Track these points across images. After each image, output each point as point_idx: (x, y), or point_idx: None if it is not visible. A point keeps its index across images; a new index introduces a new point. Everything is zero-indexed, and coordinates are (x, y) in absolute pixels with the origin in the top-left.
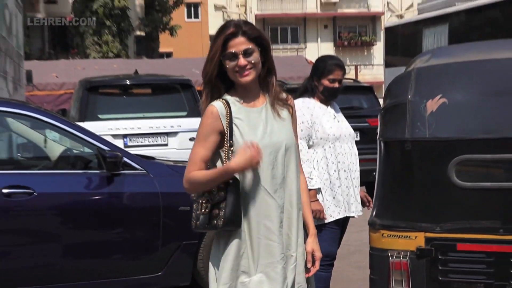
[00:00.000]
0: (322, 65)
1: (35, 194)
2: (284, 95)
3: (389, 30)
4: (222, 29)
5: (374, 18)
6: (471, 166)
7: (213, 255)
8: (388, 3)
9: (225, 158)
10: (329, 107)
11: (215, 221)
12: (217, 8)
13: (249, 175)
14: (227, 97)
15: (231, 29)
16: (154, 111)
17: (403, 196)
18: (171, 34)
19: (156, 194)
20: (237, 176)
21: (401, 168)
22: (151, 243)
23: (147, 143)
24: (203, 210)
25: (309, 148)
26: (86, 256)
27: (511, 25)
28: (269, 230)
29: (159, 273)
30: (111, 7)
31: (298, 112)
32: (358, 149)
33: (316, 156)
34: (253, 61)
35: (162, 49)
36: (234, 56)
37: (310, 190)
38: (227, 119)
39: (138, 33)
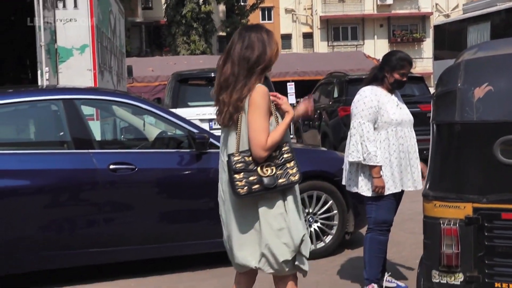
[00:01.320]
0: (395, 60)
1: (136, 169)
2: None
3: (437, 28)
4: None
5: (424, 18)
6: None
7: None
8: (436, 4)
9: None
10: (393, 95)
11: (285, 180)
12: (287, 11)
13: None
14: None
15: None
16: None
17: (453, 171)
18: None
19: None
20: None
21: (451, 147)
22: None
23: None
24: (267, 171)
25: (374, 130)
26: (179, 221)
27: None
28: None
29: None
30: (198, 12)
31: (367, 98)
32: None
33: (379, 137)
34: None
35: None
36: None
37: (375, 167)
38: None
39: (220, 33)
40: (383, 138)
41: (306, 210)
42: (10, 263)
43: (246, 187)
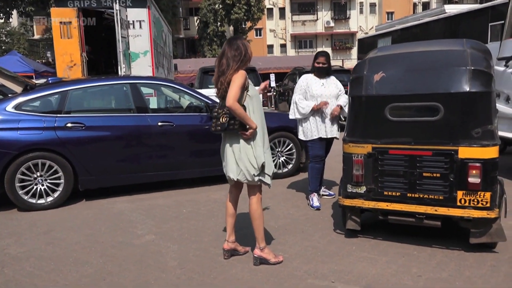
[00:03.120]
0: (315, 55)
1: (174, 125)
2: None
3: (360, 41)
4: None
5: (353, 34)
6: (396, 109)
7: (236, 145)
8: (360, 26)
9: (246, 98)
10: (322, 79)
11: (232, 126)
12: (271, 30)
13: (257, 107)
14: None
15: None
16: None
17: (361, 125)
18: None
19: None
20: (247, 105)
21: (360, 111)
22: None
23: None
24: (223, 120)
25: (306, 100)
26: (199, 156)
27: (426, 38)
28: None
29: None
30: (217, 31)
31: (300, 81)
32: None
33: (309, 104)
34: None
35: None
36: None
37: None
38: (248, 81)
39: None
40: (310, 104)
41: (277, 149)
42: (100, 181)
43: (213, 127)
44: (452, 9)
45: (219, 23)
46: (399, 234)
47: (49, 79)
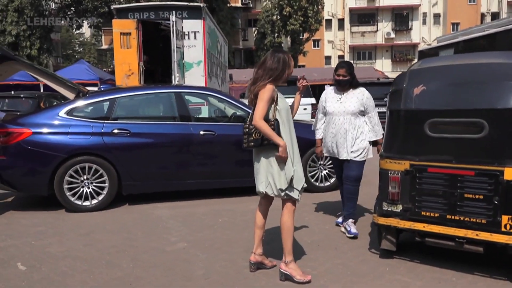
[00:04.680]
0: (335, 67)
1: (216, 134)
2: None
3: (421, 52)
4: (287, 59)
5: (414, 46)
6: (437, 125)
7: (266, 160)
8: (422, 37)
9: (275, 112)
10: (340, 93)
11: (267, 142)
12: (329, 41)
13: (286, 121)
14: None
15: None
16: (287, 94)
17: (398, 140)
18: (304, 55)
19: None
20: (279, 119)
21: (398, 125)
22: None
23: None
24: (256, 136)
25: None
26: (242, 165)
27: (491, 49)
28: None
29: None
30: (274, 42)
31: (322, 95)
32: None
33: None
34: None
35: (300, 63)
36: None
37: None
38: (276, 93)
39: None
40: (327, 121)
41: (319, 162)
42: (142, 186)
43: (245, 143)
44: None
45: (276, 34)
46: (439, 257)
47: (101, 86)
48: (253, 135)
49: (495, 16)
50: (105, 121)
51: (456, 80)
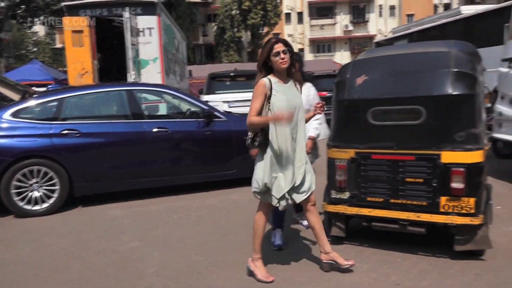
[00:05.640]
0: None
1: (170, 131)
2: (300, 78)
3: (377, 43)
4: (268, 41)
5: (371, 37)
6: (379, 113)
7: (258, 161)
8: (379, 29)
9: (266, 109)
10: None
11: (255, 142)
12: (289, 35)
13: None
14: (269, 76)
15: (274, 40)
16: (244, 89)
17: (344, 130)
18: None
19: (231, 131)
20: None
21: (343, 115)
22: (230, 155)
23: (240, 105)
24: (250, 136)
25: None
26: (196, 162)
27: (442, 38)
28: (287, 151)
29: (235, 170)
30: (234, 37)
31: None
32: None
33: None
34: (288, 56)
35: None
36: (278, 53)
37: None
38: (269, 87)
39: (248, 50)
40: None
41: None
42: (95, 187)
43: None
44: (468, 10)
45: (236, 29)
46: (387, 241)
47: (49, 86)
48: (249, 133)
49: (447, 6)
50: (54, 122)
51: (396, 69)
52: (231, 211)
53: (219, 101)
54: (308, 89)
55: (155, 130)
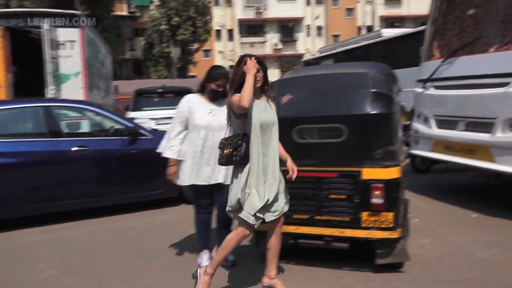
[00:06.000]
0: (213, 73)
1: (91, 150)
2: (272, 95)
3: (305, 62)
4: (242, 58)
5: (300, 56)
6: (303, 132)
7: (233, 178)
8: (307, 48)
9: (242, 124)
10: (212, 103)
11: (234, 158)
12: (219, 52)
13: (254, 136)
14: None
15: (248, 58)
16: (172, 105)
17: None
18: (194, 65)
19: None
20: (249, 134)
21: None
22: (155, 174)
23: (168, 122)
24: (227, 151)
25: (188, 130)
26: (120, 182)
27: (365, 58)
28: (258, 166)
29: (161, 190)
30: (162, 52)
31: (180, 104)
32: None
33: (190, 137)
34: (261, 75)
35: (191, 73)
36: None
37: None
38: None
39: (178, 65)
40: (192, 138)
41: None
42: (8, 211)
43: (219, 160)
44: (388, 33)
45: (165, 44)
46: (315, 258)
47: None
48: (224, 150)
49: (370, 29)
50: None
51: (319, 89)
52: (158, 233)
53: (146, 118)
54: None
55: (75, 149)
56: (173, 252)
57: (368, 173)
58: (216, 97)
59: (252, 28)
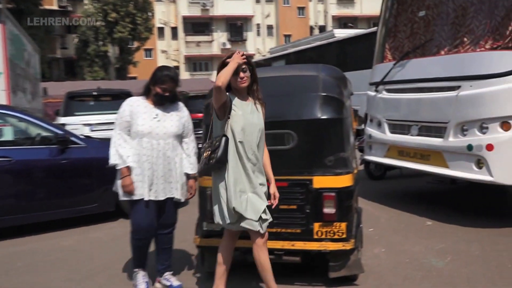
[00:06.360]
0: (159, 75)
1: (13, 161)
2: (261, 96)
3: (255, 63)
4: (230, 55)
5: (250, 56)
6: None
7: (218, 188)
8: (257, 49)
9: (227, 126)
10: (157, 107)
11: (211, 161)
12: (162, 51)
13: (235, 139)
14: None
15: (237, 52)
16: (109, 110)
17: None
18: (135, 66)
19: (91, 159)
20: (228, 135)
21: None
22: (90, 186)
23: (104, 128)
24: (205, 154)
25: (131, 137)
26: (49, 196)
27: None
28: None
29: (96, 204)
30: (98, 51)
31: (121, 108)
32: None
33: (133, 145)
34: (248, 75)
35: (131, 74)
36: (237, 71)
37: (121, 168)
38: (230, 103)
39: (116, 66)
40: (135, 146)
41: None
42: None
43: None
44: (341, 34)
45: (101, 42)
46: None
47: None
48: (203, 155)
49: (322, 29)
50: None
51: (267, 92)
52: (92, 252)
53: (79, 124)
54: (182, 109)
55: None
56: (109, 273)
57: (319, 181)
58: (162, 102)
59: (198, 26)
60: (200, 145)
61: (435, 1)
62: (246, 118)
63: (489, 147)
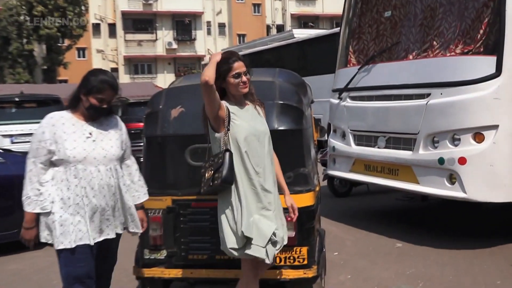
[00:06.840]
0: (94, 81)
1: None
2: (257, 98)
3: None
4: (228, 58)
5: (200, 58)
6: (198, 151)
7: (224, 209)
8: (208, 49)
9: (226, 139)
10: (88, 123)
11: (216, 181)
12: (98, 51)
13: (240, 152)
14: (223, 101)
15: (235, 57)
16: (34, 119)
17: (158, 173)
18: (65, 67)
19: (11, 176)
20: (231, 149)
21: (156, 154)
22: (10, 208)
23: (27, 140)
24: (208, 175)
25: (55, 166)
26: None
27: (277, 63)
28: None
29: (16, 230)
30: (22, 49)
31: (40, 128)
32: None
33: (58, 176)
34: (248, 78)
35: (61, 77)
36: (239, 75)
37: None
38: (227, 114)
39: (43, 67)
40: (62, 178)
41: None
42: None
43: (202, 188)
44: (300, 34)
45: (25, 40)
46: None
47: None
48: (206, 175)
49: (280, 28)
50: None
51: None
52: None
53: (3, 132)
54: (119, 123)
55: None
56: None
57: None
58: (97, 116)
59: (140, 22)
60: (142, 159)
61: (401, 0)
62: (249, 125)
63: (462, 161)
